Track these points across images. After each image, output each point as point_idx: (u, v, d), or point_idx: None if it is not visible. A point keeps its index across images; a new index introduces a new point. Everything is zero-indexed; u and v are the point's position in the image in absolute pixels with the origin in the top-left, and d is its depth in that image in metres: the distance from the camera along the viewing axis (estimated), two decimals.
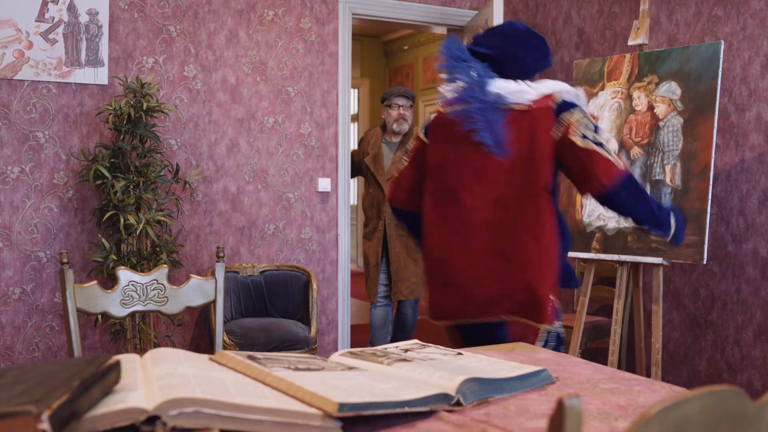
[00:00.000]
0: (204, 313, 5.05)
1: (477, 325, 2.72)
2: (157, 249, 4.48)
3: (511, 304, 2.64)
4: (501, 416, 1.42)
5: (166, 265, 2.49)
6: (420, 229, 2.83)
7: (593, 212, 4.22)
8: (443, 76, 2.75)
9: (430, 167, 2.76)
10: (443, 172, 2.72)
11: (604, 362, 4.62)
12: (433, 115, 2.81)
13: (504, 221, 2.63)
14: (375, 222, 5.38)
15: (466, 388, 1.47)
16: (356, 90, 12.09)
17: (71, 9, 4.62)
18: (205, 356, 1.64)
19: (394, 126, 5.34)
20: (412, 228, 2.98)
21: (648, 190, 4.06)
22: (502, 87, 2.66)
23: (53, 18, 4.58)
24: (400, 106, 5.35)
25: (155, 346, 4.64)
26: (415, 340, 2.03)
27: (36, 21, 4.54)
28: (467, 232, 2.66)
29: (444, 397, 1.43)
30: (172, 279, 4.74)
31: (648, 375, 4.28)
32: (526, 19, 5.93)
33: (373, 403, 1.31)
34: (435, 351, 1.89)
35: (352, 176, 5.64)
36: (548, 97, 2.66)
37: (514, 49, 2.71)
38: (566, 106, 2.64)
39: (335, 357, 1.77)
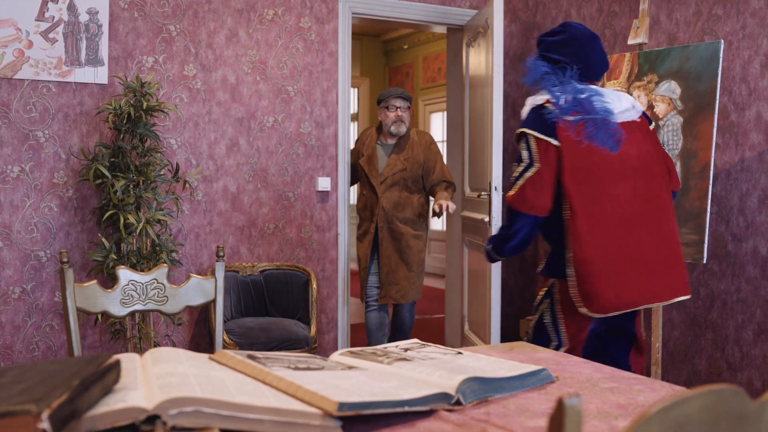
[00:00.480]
0: (204, 312, 5.05)
1: (626, 313, 2.99)
2: (157, 248, 4.48)
3: (682, 282, 3.01)
4: (501, 415, 1.42)
5: (165, 265, 2.49)
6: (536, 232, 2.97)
7: None
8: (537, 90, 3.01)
9: (571, 169, 2.84)
10: (588, 172, 2.86)
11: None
12: (554, 121, 2.88)
13: (650, 213, 2.95)
14: (367, 224, 5.16)
15: (466, 388, 1.47)
16: (356, 89, 12.09)
17: (71, 8, 4.62)
18: (205, 355, 1.64)
19: (392, 128, 5.09)
20: (532, 235, 2.97)
21: None
22: (613, 103, 2.96)
23: (53, 17, 4.58)
24: (397, 107, 5.11)
25: (155, 346, 4.64)
26: (415, 339, 2.03)
27: (36, 20, 4.54)
28: (629, 223, 2.88)
29: (444, 397, 1.43)
30: (172, 278, 4.74)
31: (648, 374, 4.28)
32: (525, 19, 5.94)
33: (373, 402, 1.31)
34: (435, 350, 1.89)
35: (352, 183, 5.49)
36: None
37: (584, 54, 2.97)
38: (649, 120, 3.14)
39: (335, 356, 1.77)
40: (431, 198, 5.17)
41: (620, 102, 3.00)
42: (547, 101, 2.91)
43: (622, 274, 2.85)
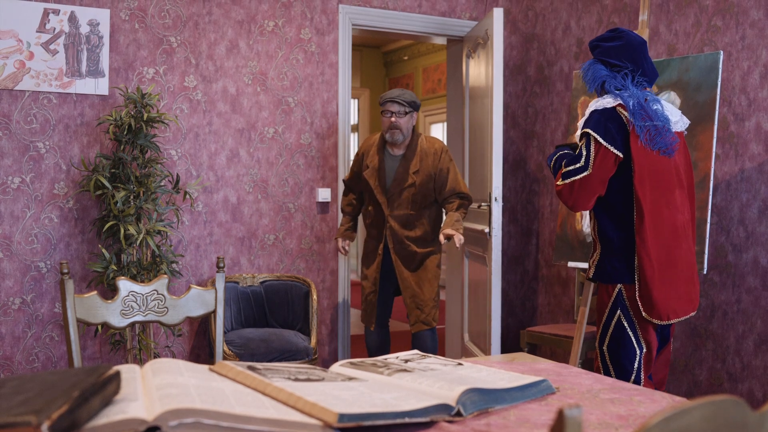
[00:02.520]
0: (204, 323, 5.04)
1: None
2: (158, 259, 4.48)
3: (697, 297, 3.16)
4: (501, 426, 1.42)
5: (166, 276, 2.49)
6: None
7: None
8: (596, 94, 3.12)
9: (641, 174, 2.95)
10: (654, 177, 2.97)
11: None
12: (628, 128, 2.97)
13: (687, 224, 3.09)
14: (375, 244, 4.67)
15: (466, 399, 1.47)
16: (356, 100, 12.11)
17: (72, 20, 4.63)
18: (205, 366, 1.63)
19: (387, 136, 4.52)
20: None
21: None
22: (669, 112, 3.09)
23: (54, 29, 4.59)
24: (392, 113, 4.49)
25: (155, 357, 4.63)
26: (415, 351, 2.03)
27: (37, 31, 4.55)
28: (678, 233, 3.01)
29: (444, 408, 1.42)
30: (172, 289, 4.74)
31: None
32: (525, 30, 5.95)
33: (373, 413, 1.31)
34: (435, 361, 1.89)
35: (345, 195, 4.92)
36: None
37: (641, 60, 3.06)
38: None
39: (335, 367, 1.77)
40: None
41: (673, 111, 3.11)
42: (619, 105, 2.98)
43: (674, 283, 2.98)
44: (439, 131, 11.45)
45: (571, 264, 4.30)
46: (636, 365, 3.00)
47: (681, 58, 4.05)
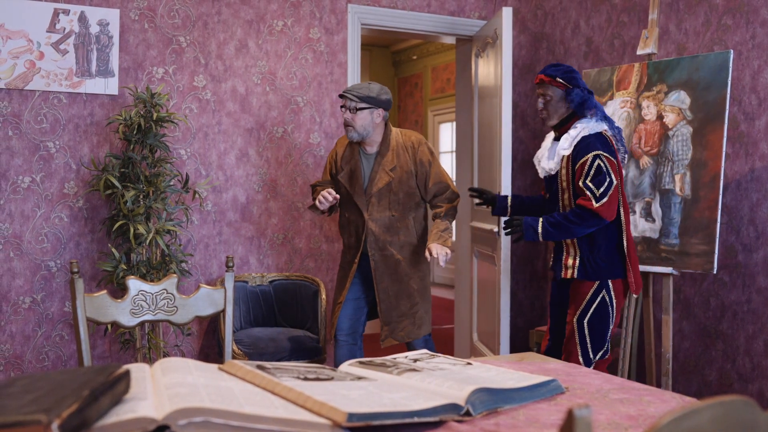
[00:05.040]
0: (213, 322, 5.05)
1: None
2: (167, 258, 4.49)
3: None
4: (510, 426, 1.42)
5: (175, 275, 2.49)
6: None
7: None
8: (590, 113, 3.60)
9: (622, 182, 3.56)
10: (622, 186, 3.58)
11: (614, 372, 4.60)
12: (614, 147, 3.57)
13: None
14: (353, 252, 4.17)
15: (475, 398, 1.46)
16: None
17: (82, 20, 4.65)
18: (215, 366, 1.64)
19: (348, 134, 4.08)
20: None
21: (657, 199, 4.06)
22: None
23: (64, 29, 4.61)
24: (345, 109, 4.04)
25: (165, 356, 4.64)
26: (424, 350, 2.02)
27: (47, 32, 4.57)
28: (629, 225, 3.60)
29: (453, 407, 1.42)
30: (181, 288, 4.75)
31: (658, 385, 4.26)
32: (534, 29, 5.94)
33: (382, 413, 1.31)
34: (444, 361, 1.89)
35: (314, 196, 4.27)
36: None
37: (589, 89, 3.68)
38: None
39: (344, 367, 1.77)
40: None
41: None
42: (605, 131, 3.52)
43: (637, 266, 3.62)
44: (447, 131, 11.45)
45: None
46: (608, 336, 3.54)
47: (691, 57, 4.04)
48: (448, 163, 11.27)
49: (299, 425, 1.24)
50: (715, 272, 3.83)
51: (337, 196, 4.03)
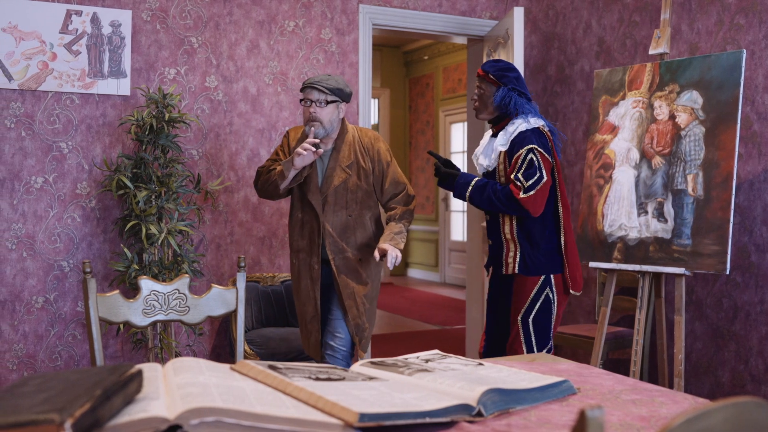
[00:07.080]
0: (225, 322, 5.06)
1: None
2: (179, 258, 4.50)
3: None
4: (522, 427, 1.42)
5: (187, 275, 2.50)
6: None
7: (614, 222, 4.20)
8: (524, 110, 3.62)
9: (559, 178, 3.60)
10: (562, 184, 3.63)
11: (626, 373, 4.59)
12: (550, 143, 3.61)
13: None
14: (307, 258, 3.76)
15: (487, 399, 1.46)
16: (376, 100, 12.12)
17: (94, 21, 4.67)
18: (226, 366, 1.64)
19: (306, 129, 3.64)
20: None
21: (670, 199, 4.05)
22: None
23: (77, 30, 4.63)
24: (311, 101, 3.61)
25: (176, 356, 4.66)
26: (436, 350, 2.02)
27: (60, 33, 4.59)
28: (569, 223, 3.63)
29: (465, 408, 1.42)
30: (193, 289, 4.76)
31: (670, 386, 4.24)
32: (546, 29, 5.93)
33: (393, 413, 1.31)
34: (456, 361, 1.89)
35: (265, 195, 3.90)
36: None
37: (526, 89, 3.74)
38: None
39: (356, 367, 1.77)
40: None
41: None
42: (542, 126, 3.58)
43: (578, 262, 3.68)
44: (459, 131, 11.43)
45: (592, 264, 4.28)
46: (551, 333, 3.60)
47: (703, 56, 4.02)
48: (459, 162, 11.24)
49: (311, 425, 1.24)
50: (727, 273, 3.81)
51: (318, 141, 3.60)
